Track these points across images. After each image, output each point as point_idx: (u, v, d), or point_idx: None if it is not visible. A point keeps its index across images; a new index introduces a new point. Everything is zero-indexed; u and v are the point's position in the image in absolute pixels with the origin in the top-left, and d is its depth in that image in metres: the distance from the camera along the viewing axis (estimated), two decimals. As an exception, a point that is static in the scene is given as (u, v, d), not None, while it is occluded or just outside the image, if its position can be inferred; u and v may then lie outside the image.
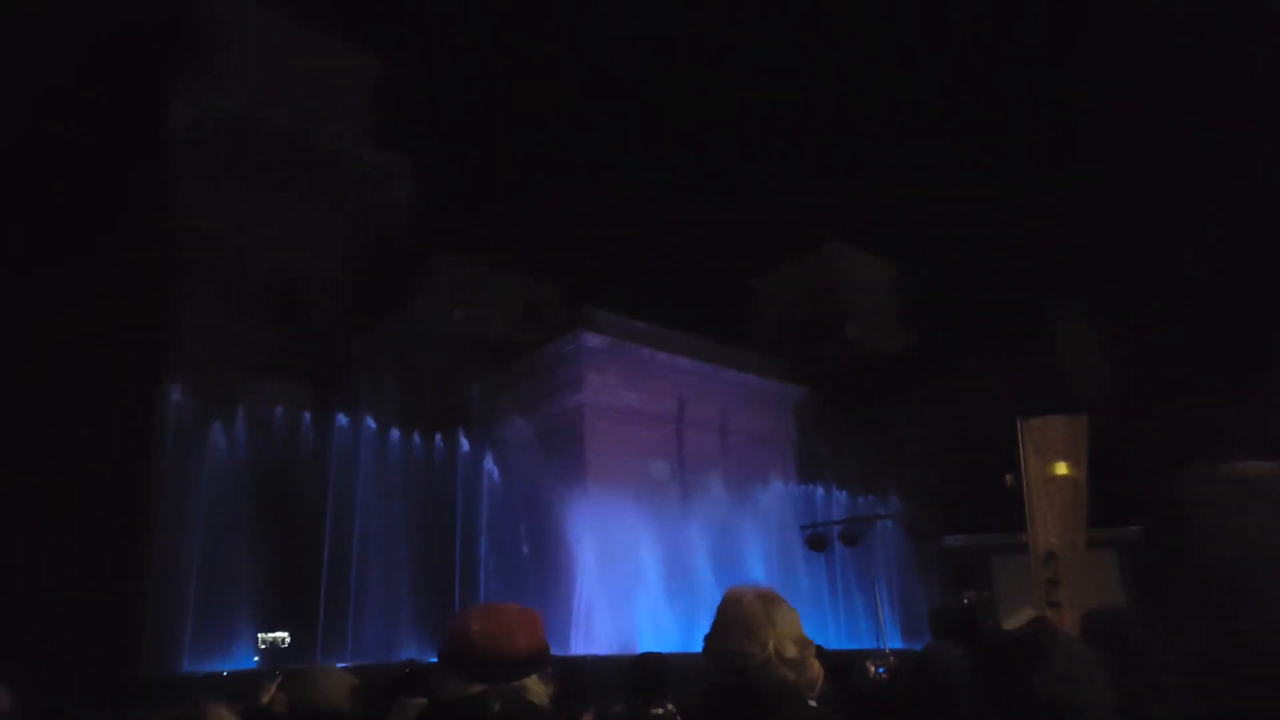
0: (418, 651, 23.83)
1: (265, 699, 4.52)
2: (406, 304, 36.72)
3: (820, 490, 31.66)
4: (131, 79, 36.41)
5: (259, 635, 17.42)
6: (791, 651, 2.09)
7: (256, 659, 18.36)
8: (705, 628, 2.28)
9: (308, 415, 27.67)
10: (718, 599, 2.28)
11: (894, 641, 24.44)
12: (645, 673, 4.01)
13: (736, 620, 2.11)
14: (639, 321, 32.80)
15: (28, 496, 26.46)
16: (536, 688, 2.00)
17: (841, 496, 31.42)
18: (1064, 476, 12.00)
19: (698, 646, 2.37)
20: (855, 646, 25.15)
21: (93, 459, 26.37)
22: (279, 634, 16.86)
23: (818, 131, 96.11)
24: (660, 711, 3.79)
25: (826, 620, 29.38)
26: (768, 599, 2.17)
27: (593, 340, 30.92)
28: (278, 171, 37.16)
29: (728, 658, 2.08)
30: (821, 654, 2.53)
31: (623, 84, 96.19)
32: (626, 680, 4.13)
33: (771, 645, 2.06)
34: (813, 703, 2.46)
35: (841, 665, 6.02)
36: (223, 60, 36.84)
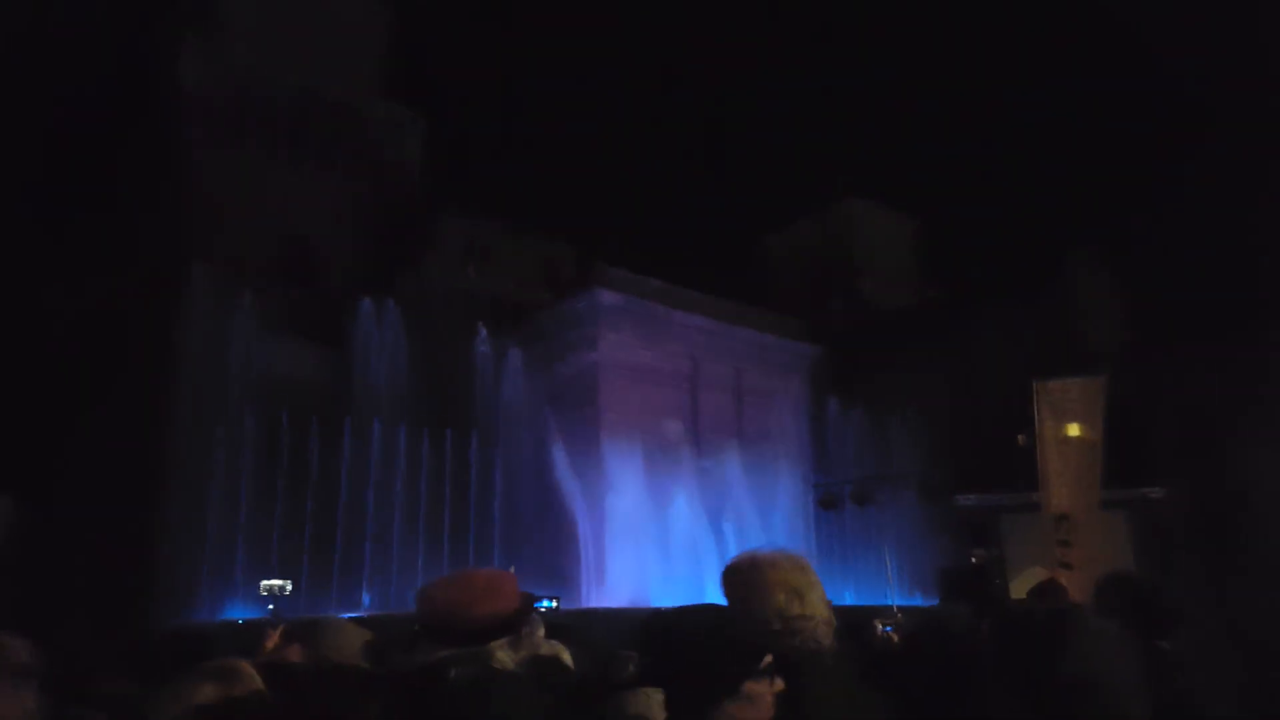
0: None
1: (269, 645, 4.56)
2: (420, 263, 36.67)
3: (832, 449, 31.68)
4: (138, 38, 36.13)
5: (261, 583, 17.63)
6: (822, 613, 2.12)
7: (271, 607, 18.67)
8: (717, 583, 2.28)
9: (323, 374, 27.88)
10: (729, 556, 2.26)
11: (903, 599, 24.61)
12: (658, 632, 4.03)
13: (773, 584, 2.11)
14: (654, 279, 32.67)
15: (44, 455, 26.80)
16: (502, 653, 2.03)
17: (853, 455, 31.43)
18: (1078, 438, 11.91)
19: (707, 600, 2.37)
20: (865, 603, 25.37)
21: (108, 415, 26.64)
22: (280, 581, 17.08)
23: (834, 86, 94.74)
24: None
25: (837, 578, 29.59)
26: (798, 563, 2.17)
27: (608, 298, 30.84)
28: (288, 130, 36.95)
29: (758, 622, 2.08)
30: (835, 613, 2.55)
31: (637, 40, 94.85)
32: (638, 640, 4.15)
33: (819, 609, 2.07)
34: (829, 662, 2.49)
35: (851, 623, 6.05)
36: (231, 16, 36.50)
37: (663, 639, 2.74)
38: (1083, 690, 1.45)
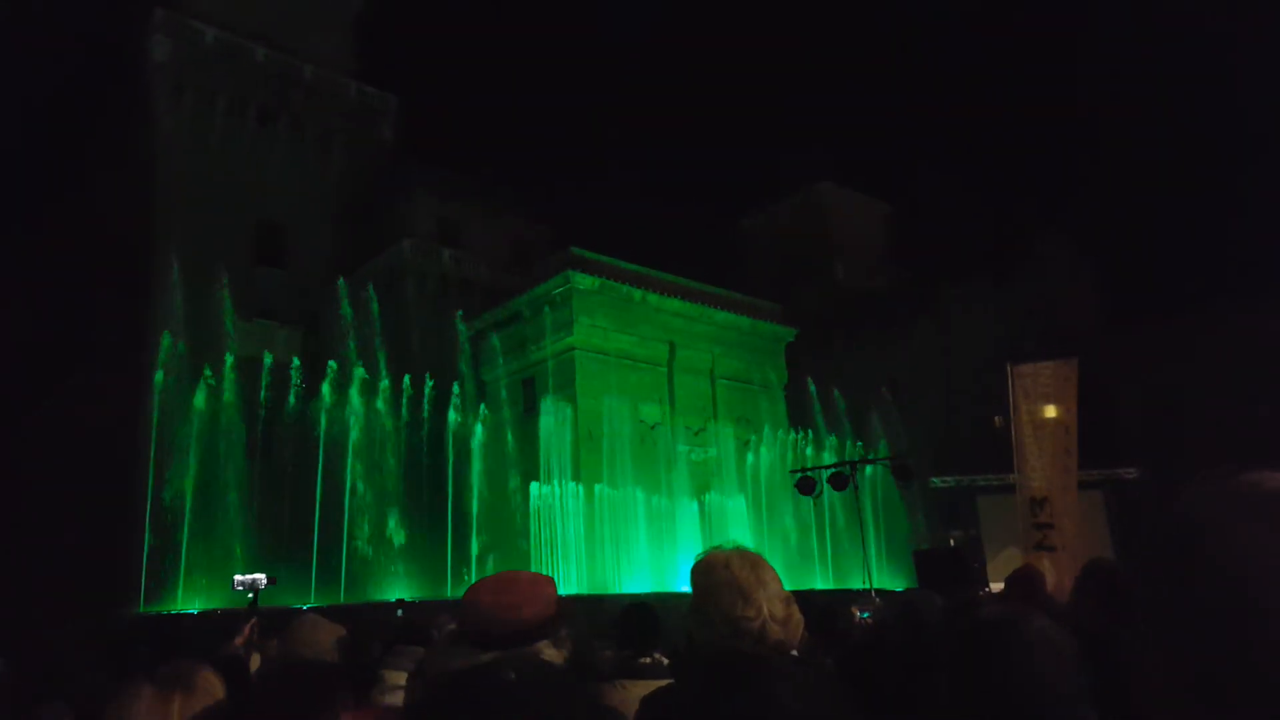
0: (407, 591, 24.08)
1: (240, 641, 4.53)
2: (394, 246, 36.31)
3: (809, 432, 31.79)
4: (108, 15, 35.47)
5: (235, 576, 17.40)
6: (780, 611, 2.13)
7: (250, 597, 18.53)
8: (692, 569, 2.30)
9: (297, 359, 27.56)
10: (707, 540, 2.27)
11: (881, 581, 24.81)
12: (634, 623, 4.02)
13: (729, 584, 2.12)
14: (629, 264, 32.57)
15: (23, 447, 26.44)
16: (549, 651, 2.07)
17: (830, 438, 31.56)
18: (1054, 419, 12.00)
19: (682, 586, 2.39)
20: (842, 587, 25.54)
21: (85, 405, 26.29)
22: (254, 575, 16.90)
23: (806, 70, 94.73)
24: (649, 660, 3.81)
25: (815, 562, 29.75)
26: (754, 561, 2.19)
27: (583, 282, 30.73)
28: (262, 109, 36.41)
29: (720, 622, 2.08)
30: (805, 601, 2.56)
31: (613, 22, 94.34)
32: (617, 629, 4.15)
33: (766, 607, 2.08)
34: (794, 652, 2.50)
35: (825, 612, 6.06)
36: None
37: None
38: (1024, 699, 1.45)
